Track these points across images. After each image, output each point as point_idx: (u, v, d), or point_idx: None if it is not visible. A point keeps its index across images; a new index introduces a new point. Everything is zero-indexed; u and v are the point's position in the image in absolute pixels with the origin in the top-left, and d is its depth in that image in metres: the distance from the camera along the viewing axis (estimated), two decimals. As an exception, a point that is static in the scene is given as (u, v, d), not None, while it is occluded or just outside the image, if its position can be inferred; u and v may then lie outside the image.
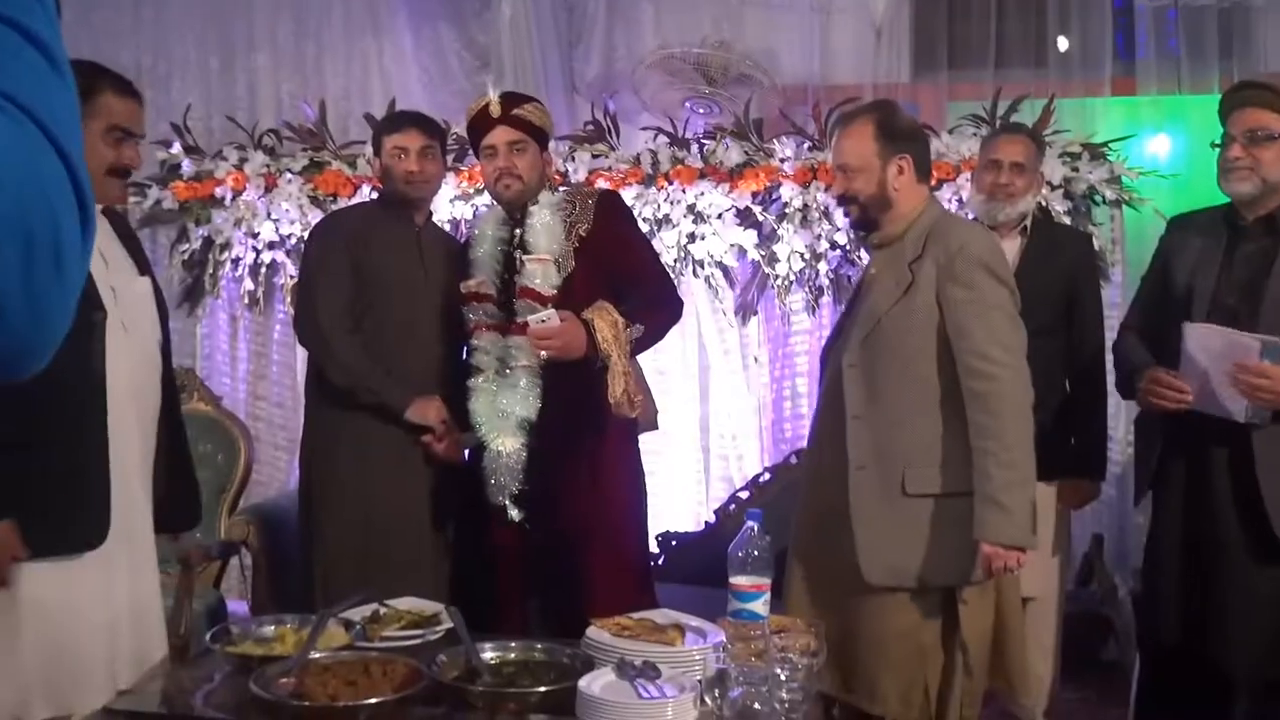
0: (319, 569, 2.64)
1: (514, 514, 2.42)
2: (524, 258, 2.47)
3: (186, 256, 3.95)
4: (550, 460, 2.42)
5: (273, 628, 1.96)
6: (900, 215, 2.20)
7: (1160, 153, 3.57)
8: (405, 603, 2.10)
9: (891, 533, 2.10)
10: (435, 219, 3.71)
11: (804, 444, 3.51)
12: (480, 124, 2.53)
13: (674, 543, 3.38)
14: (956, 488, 2.07)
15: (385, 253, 2.69)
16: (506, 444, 2.41)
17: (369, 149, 2.98)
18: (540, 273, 2.44)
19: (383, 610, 2.04)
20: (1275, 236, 2.30)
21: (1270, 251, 2.29)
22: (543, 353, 2.34)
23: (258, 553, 3.12)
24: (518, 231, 2.52)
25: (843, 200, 2.26)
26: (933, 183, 3.47)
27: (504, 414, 2.41)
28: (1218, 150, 2.38)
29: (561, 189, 2.68)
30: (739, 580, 1.72)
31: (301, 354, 3.39)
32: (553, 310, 2.32)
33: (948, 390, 2.09)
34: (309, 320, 2.68)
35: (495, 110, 2.49)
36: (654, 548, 3.17)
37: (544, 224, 2.48)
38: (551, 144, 2.73)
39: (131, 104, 2.10)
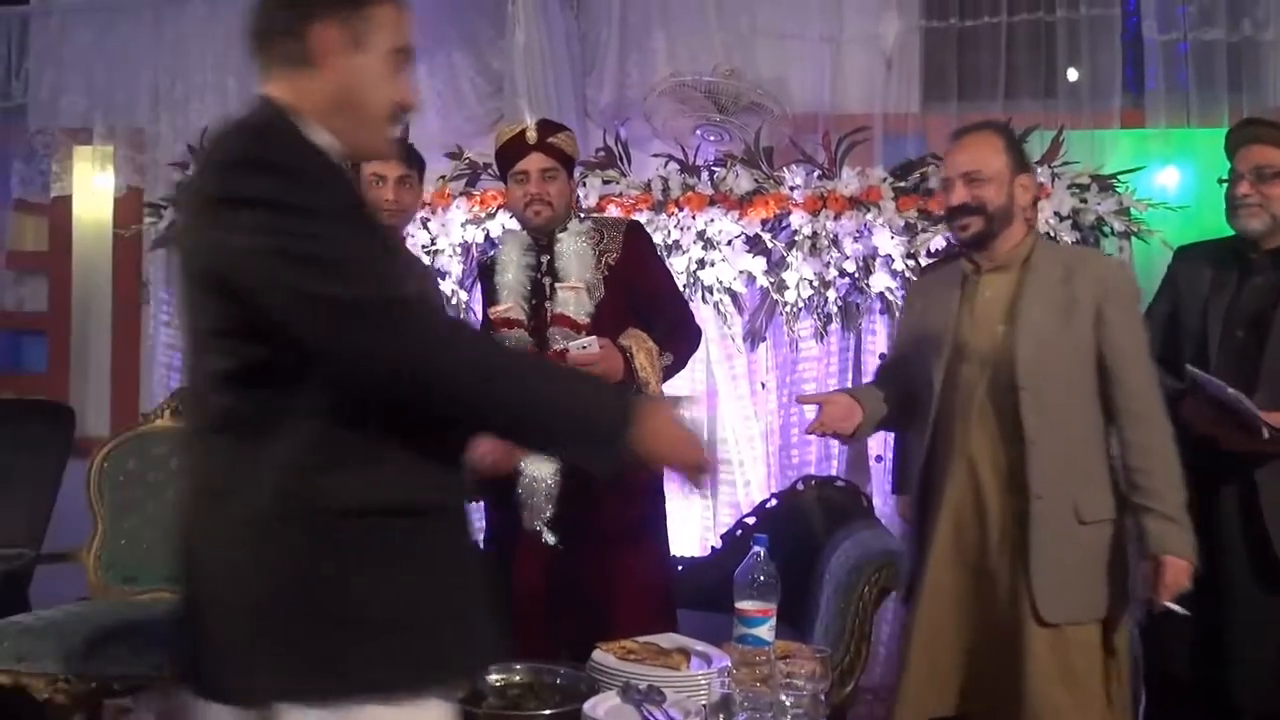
0: None
1: (550, 538, 2.44)
2: (557, 285, 2.50)
3: (200, 276, 3.98)
4: (582, 485, 2.44)
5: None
6: (1014, 235, 2.16)
7: (1169, 185, 3.58)
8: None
9: (1072, 565, 2.05)
10: (447, 241, 3.76)
11: (811, 470, 3.53)
12: (513, 149, 2.57)
13: (680, 567, 3.37)
14: (1117, 513, 2.10)
15: None
16: (541, 469, 2.43)
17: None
18: (574, 300, 2.48)
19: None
20: None
21: (1279, 284, 2.31)
22: None
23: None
24: (544, 258, 2.55)
25: (963, 211, 2.14)
26: (940, 212, 3.52)
27: None
28: (1225, 185, 2.40)
29: (590, 217, 2.71)
30: (745, 605, 1.73)
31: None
32: (593, 337, 2.36)
33: (1100, 412, 2.10)
34: None
35: (532, 137, 2.53)
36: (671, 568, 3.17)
37: (575, 252, 2.52)
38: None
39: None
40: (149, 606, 3.24)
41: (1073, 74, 3.73)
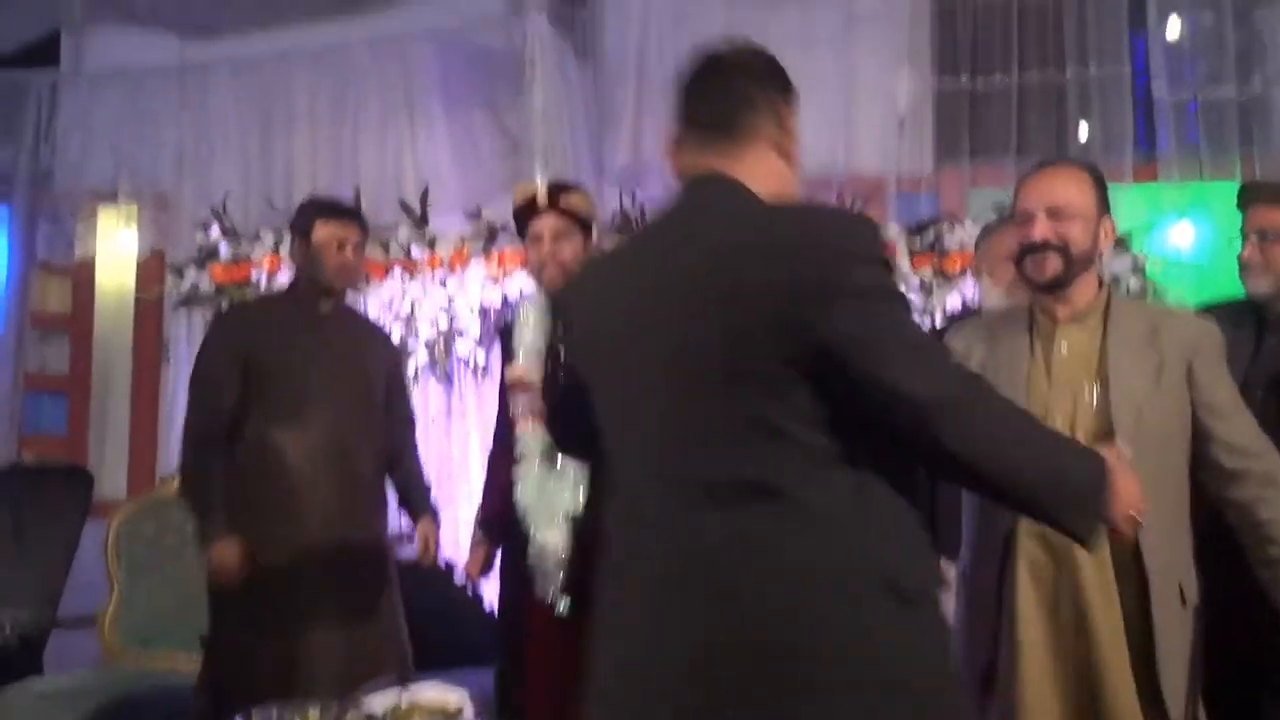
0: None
1: (562, 607, 2.41)
2: None
3: (220, 337, 4.01)
4: (592, 553, 2.41)
5: (296, 716, 1.96)
6: (1090, 283, 1.95)
7: (1183, 240, 3.58)
8: (428, 691, 2.09)
9: (1184, 652, 1.86)
10: (464, 301, 3.79)
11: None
12: (527, 211, 2.58)
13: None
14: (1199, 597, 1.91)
15: (280, 341, 2.75)
16: (552, 537, 2.41)
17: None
18: None
19: (404, 700, 2.03)
20: None
21: None
22: None
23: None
24: (562, 322, 2.56)
25: (1044, 247, 1.91)
26: (955, 270, 3.52)
27: (549, 506, 2.43)
28: (1237, 244, 2.40)
29: None
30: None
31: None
32: None
33: (1189, 482, 1.90)
34: (185, 428, 2.78)
35: (542, 200, 2.54)
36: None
37: None
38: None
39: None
40: (164, 674, 3.23)
41: (1084, 131, 3.75)
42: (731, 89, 1.41)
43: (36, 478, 3.61)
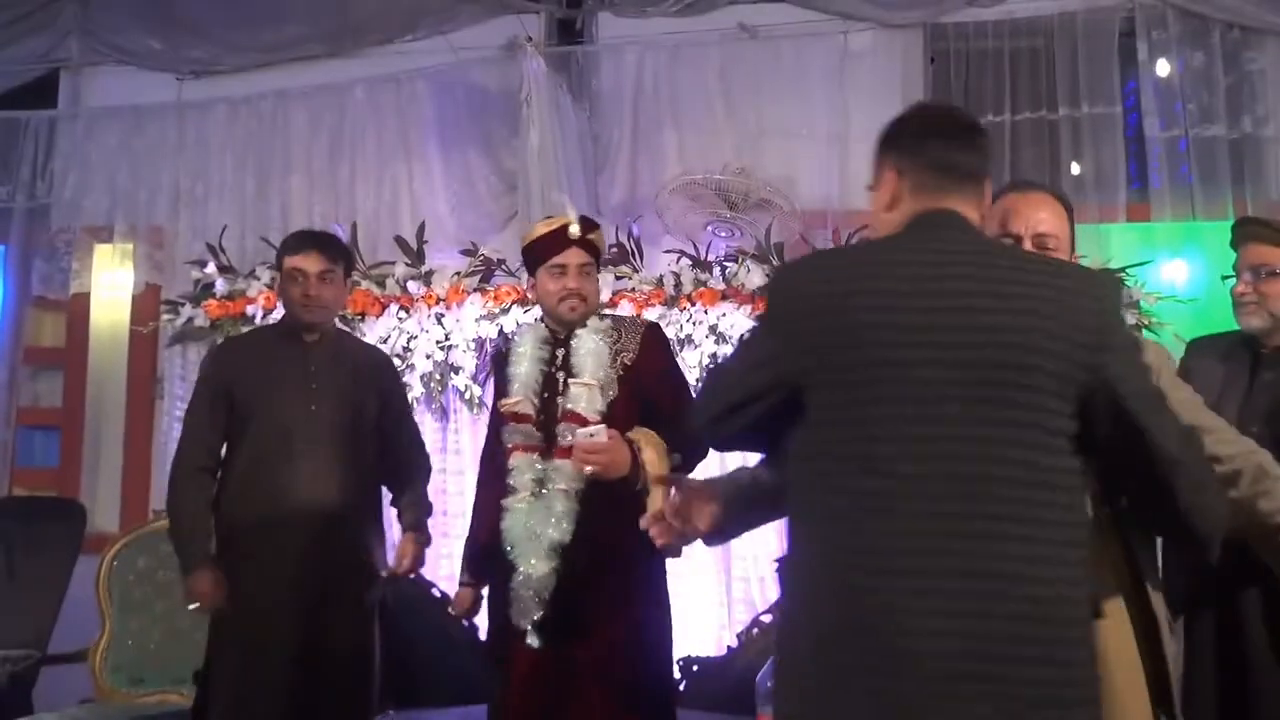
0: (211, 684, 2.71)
1: (533, 641, 2.39)
2: (570, 381, 2.49)
3: (215, 372, 4.00)
4: (578, 586, 2.40)
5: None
6: None
7: (1177, 278, 3.60)
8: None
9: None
10: (461, 337, 3.79)
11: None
12: (553, 243, 2.57)
13: (695, 668, 3.31)
14: None
15: (263, 375, 2.78)
16: (536, 568, 2.39)
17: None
18: (585, 397, 2.45)
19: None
20: None
21: None
22: (587, 469, 2.33)
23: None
24: (559, 352, 2.55)
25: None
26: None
27: (536, 536, 2.40)
28: (1230, 280, 2.42)
29: (610, 316, 2.71)
30: (769, 712, 1.69)
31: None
32: (601, 426, 2.33)
33: None
34: (172, 463, 2.83)
35: (575, 233, 2.54)
36: (675, 673, 3.11)
37: (591, 350, 2.51)
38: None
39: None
40: (155, 710, 3.19)
41: (1075, 168, 3.79)
42: (984, 146, 1.61)
43: (28, 512, 3.58)
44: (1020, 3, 3.85)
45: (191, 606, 2.68)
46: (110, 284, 4.46)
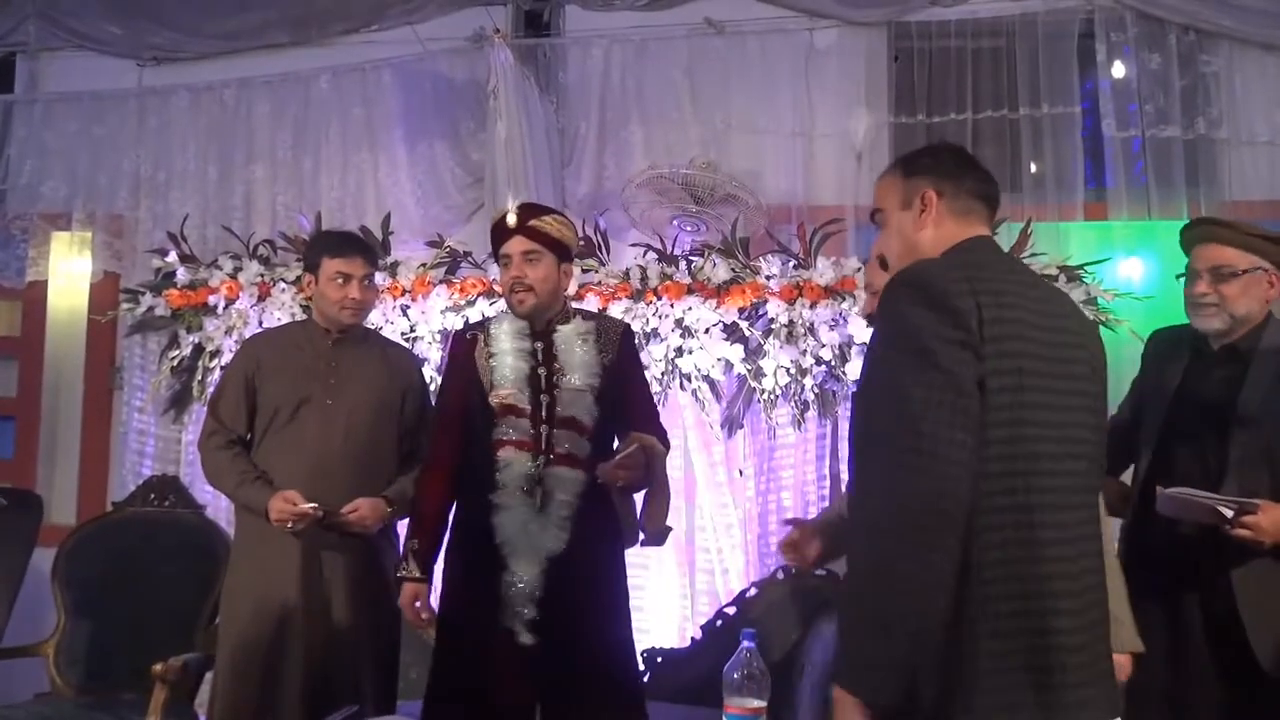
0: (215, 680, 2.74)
1: (526, 639, 2.40)
2: (564, 385, 2.51)
3: (176, 363, 3.96)
4: (563, 587, 2.43)
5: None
6: None
7: (1132, 276, 3.67)
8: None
9: None
10: (427, 329, 3.78)
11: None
12: (498, 234, 2.62)
13: (660, 659, 3.33)
14: None
15: (284, 370, 2.83)
16: (529, 571, 2.42)
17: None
18: (583, 404, 2.50)
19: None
20: (1240, 364, 2.37)
21: (1237, 378, 2.36)
22: (619, 483, 2.40)
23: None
24: (537, 345, 2.57)
25: None
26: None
27: (533, 544, 2.43)
28: (1183, 281, 2.46)
29: (591, 316, 2.73)
30: (735, 704, 1.71)
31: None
32: (636, 444, 2.39)
33: None
34: (200, 447, 2.89)
35: (512, 221, 2.57)
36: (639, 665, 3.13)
37: (580, 353, 2.55)
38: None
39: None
40: (110, 705, 3.16)
41: (1034, 167, 3.84)
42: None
43: (-17, 504, 3.52)
44: (982, 3, 3.90)
45: (277, 522, 2.70)
46: (68, 272, 4.40)
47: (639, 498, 2.53)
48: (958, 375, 1.45)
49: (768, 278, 3.61)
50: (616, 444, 2.52)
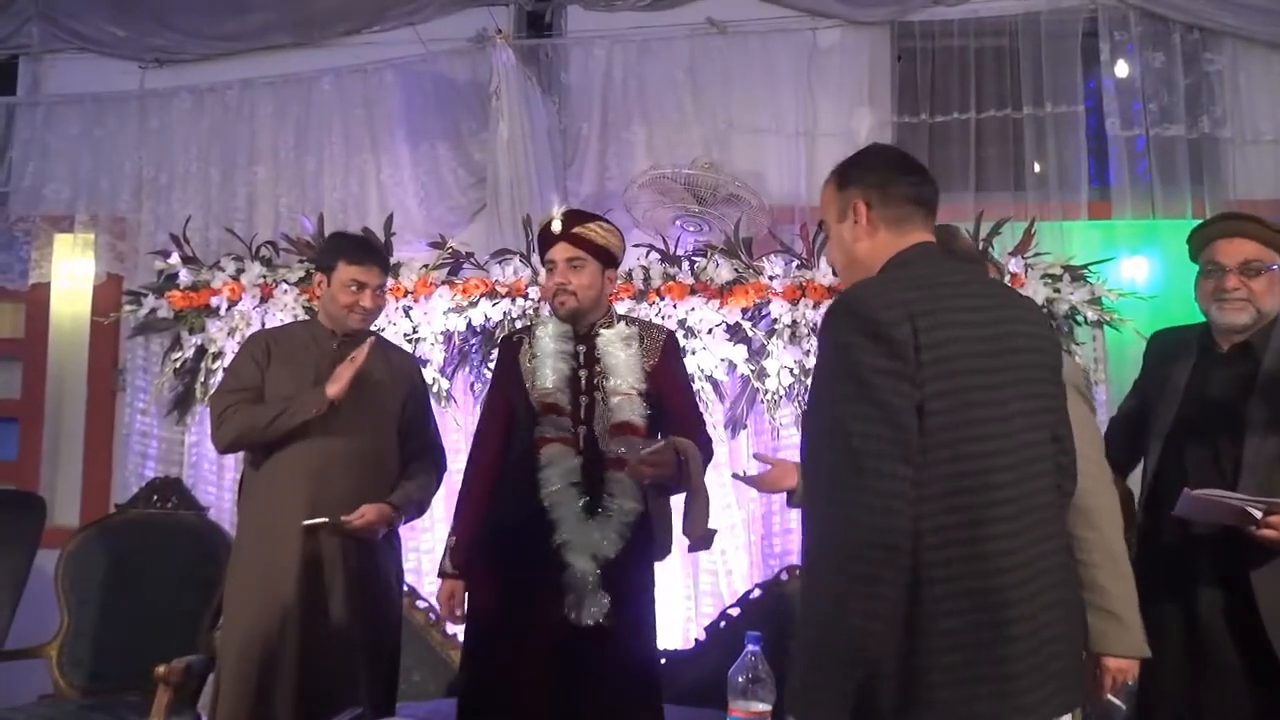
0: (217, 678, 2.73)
1: (597, 619, 2.43)
2: (610, 389, 2.54)
3: (178, 365, 3.96)
4: (614, 580, 2.47)
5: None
6: None
7: (1137, 275, 3.66)
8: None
9: None
10: (429, 329, 3.77)
11: (794, 559, 3.51)
12: (544, 239, 2.66)
13: (664, 660, 3.32)
14: None
15: (290, 368, 2.81)
16: (588, 567, 2.44)
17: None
18: (630, 407, 2.53)
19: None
20: (1253, 363, 2.35)
21: (1249, 377, 2.34)
22: (646, 480, 2.42)
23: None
24: (580, 348, 2.59)
25: None
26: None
27: (590, 546, 2.45)
28: (1198, 276, 2.43)
29: (635, 321, 2.75)
30: (739, 707, 1.70)
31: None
32: (664, 442, 2.43)
33: None
34: (214, 418, 2.82)
35: (556, 227, 2.61)
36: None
37: (625, 356, 2.57)
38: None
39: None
40: (114, 707, 3.15)
41: (1037, 166, 3.83)
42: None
43: (-14, 505, 3.52)
44: (985, 2, 3.90)
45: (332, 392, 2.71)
46: (71, 274, 4.39)
47: (676, 510, 2.57)
48: (895, 408, 1.48)
49: (771, 278, 3.60)
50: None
